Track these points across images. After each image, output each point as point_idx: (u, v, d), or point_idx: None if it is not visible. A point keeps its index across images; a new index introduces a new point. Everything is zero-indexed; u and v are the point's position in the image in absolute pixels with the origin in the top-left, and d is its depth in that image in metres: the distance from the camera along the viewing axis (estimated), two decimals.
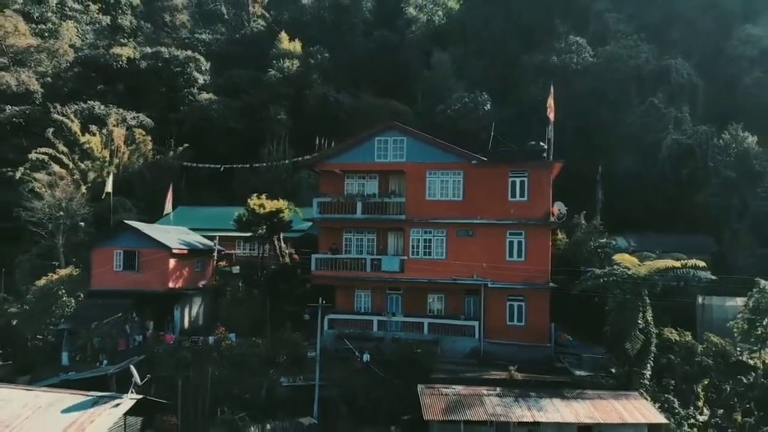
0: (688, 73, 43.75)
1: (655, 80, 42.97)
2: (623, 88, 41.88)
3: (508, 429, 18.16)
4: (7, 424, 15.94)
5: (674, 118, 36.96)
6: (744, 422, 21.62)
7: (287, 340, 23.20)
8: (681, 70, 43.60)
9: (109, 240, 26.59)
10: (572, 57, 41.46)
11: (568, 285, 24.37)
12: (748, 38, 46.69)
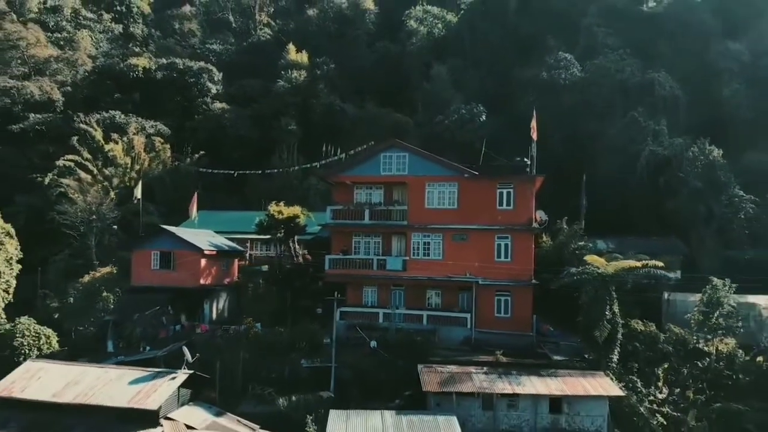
0: (670, 86, 47.72)
1: (640, 93, 46.89)
2: (609, 101, 45.89)
3: (492, 400, 22.34)
4: (86, 392, 20.15)
5: (653, 131, 41.01)
6: (696, 399, 25.80)
7: (305, 329, 27.36)
8: (664, 83, 47.61)
9: (148, 242, 30.77)
10: (561, 73, 45.43)
11: (550, 282, 28.58)
12: (728, 53, 50.87)
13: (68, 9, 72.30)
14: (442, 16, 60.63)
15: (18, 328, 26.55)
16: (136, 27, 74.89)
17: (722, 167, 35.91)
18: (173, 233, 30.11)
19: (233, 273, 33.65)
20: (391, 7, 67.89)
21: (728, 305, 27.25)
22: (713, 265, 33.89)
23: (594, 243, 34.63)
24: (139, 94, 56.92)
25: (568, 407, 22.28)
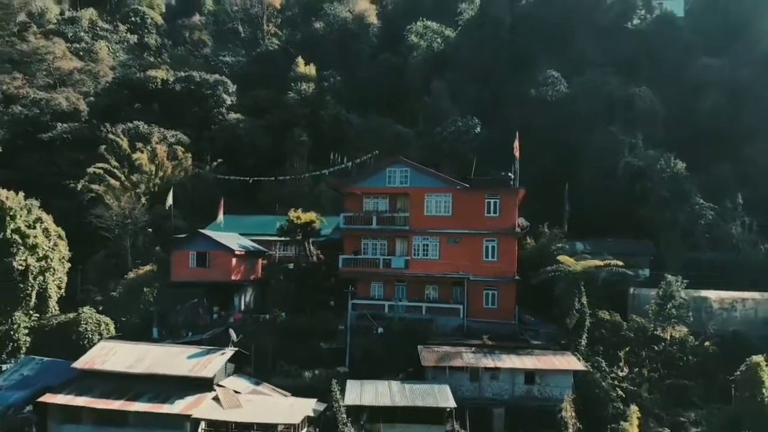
0: (650, 100, 53.48)
1: (622, 107, 52.57)
2: (593, 115, 51.41)
3: (478, 373, 28.14)
4: (154, 364, 25.97)
5: (629, 144, 46.80)
6: (650, 376, 31.64)
7: (323, 317, 33.19)
8: (645, 98, 53.37)
9: (185, 244, 36.54)
10: (548, 90, 51.19)
11: (531, 279, 34.38)
12: (706, 68, 56.63)
13: (86, 20, 77.93)
14: (441, 31, 66.27)
15: (82, 317, 32.32)
16: (150, 37, 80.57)
17: (685, 179, 41.77)
18: (209, 236, 35.94)
19: (258, 270, 39.46)
20: (394, 21, 73.70)
21: (680, 298, 33.06)
22: (678, 265, 39.58)
23: (573, 245, 40.41)
24: (159, 104, 62.65)
25: (539, 379, 28.08)
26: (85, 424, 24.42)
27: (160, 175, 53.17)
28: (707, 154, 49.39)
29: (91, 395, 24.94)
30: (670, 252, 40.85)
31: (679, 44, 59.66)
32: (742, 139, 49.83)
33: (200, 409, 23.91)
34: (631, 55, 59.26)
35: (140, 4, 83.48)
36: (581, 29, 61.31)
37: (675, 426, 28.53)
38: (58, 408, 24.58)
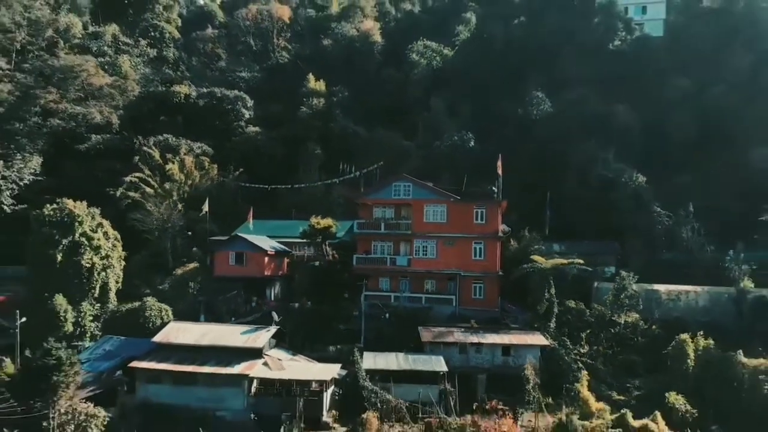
0: (626, 117, 62.60)
1: (601, 122, 61.50)
2: (573, 131, 60.41)
3: (466, 347, 37.18)
4: (216, 338, 35.06)
5: (602, 158, 55.85)
6: (605, 353, 40.65)
7: (340, 306, 42.27)
8: (621, 114, 62.49)
9: (226, 246, 45.61)
10: (533, 109, 60.24)
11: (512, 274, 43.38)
12: (677, 87, 65.69)
13: (109, 35, 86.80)
14: (439, 50, 75.32)
15: (147, 305, 41.36)
16: (169, 51, 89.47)
17: (645, 190, 50.84)
18: (246, 239, 45.01)
19: (284, 267, 48.49)
20: (396, 37, 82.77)
21: (631, 290, 42.13)
22: (639, 263, 48.59)
23: (551, 246, 49.50)
24: (182, 117, 71.54)
25: (514, 352, 37.13)
26: (165, 384, 33.37)
27: (189, 183, 61.99)
28: (674, 166, 58.49)
29: (168, 362, 33.91)
30: (634, 252, 49.87)
31: (655, 64, 68.94)
32: (704, 154, 58.84)
33: (254, 370, 32.93)
34: (611, 73, 68.37)
35: (158, 19, 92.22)
36: (567, 50, 70.52)
37: (621, 390, 37.57)
38: (143, 372, 33.56)
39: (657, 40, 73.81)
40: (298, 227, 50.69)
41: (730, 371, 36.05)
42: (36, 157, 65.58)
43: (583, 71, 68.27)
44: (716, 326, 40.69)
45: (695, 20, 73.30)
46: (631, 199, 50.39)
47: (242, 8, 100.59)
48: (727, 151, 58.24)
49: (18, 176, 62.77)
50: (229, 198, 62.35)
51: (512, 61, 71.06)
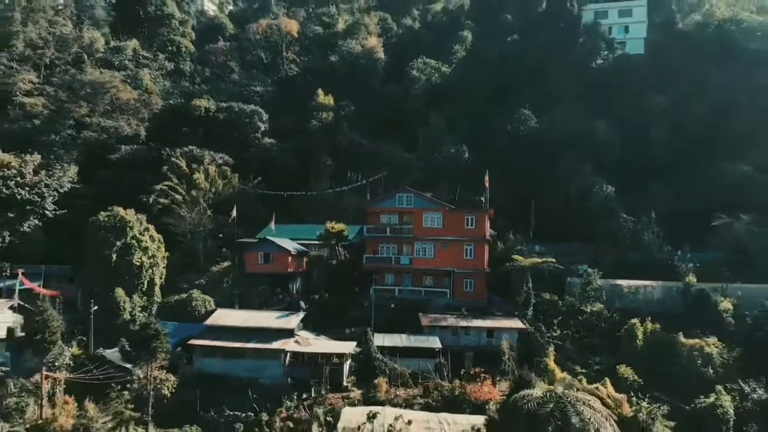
0: (607, 131, 72.97)
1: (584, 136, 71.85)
2: (557, 144, 70.72)
3: (457, 330, 47.77)
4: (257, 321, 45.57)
5: (580, 170, 66.38)
6: (573, 336, 51.20)
7: (352, 298, 52.80)
8: (602, 129, 72.88)
9: (255, 247, 56.14)
10: (520, 126, 70.76)
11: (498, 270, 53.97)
12: (655, 103, 76.12)
13: (129, 50, 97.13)
14: (438, 67, 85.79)
15: (193, 296, 51.84)
16: (185, 64, 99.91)
17: (613, 199, 61.36)
18: (273, 241, 55.51)
19: (303, 265, 58.97)
20: (398, 54, 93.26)
21: (596, 284, 52.67)
22: (609, 263, 59.08)
23: (533, 247, 60.08)
24: (203, 129, 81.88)
25: (496, 334, 47.65)
26: (217, 358, 43.80)
27: (213, 191, 72.43)
28: (648, 176, 68.87)
29: (219, 340, 44.37)
30: (604, 253, 60.42)
31: (634, 82, 79.34)
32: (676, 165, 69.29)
33: (288, 346, 43.40)
34: (594, 90, 78.94)
35: (174, 33, 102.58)
36: (554, 68, 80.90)
37: (584, 365, 48.02)
38: (200, 347, 44.02)
39: (637, 58, 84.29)
40: (315, 231, 61.25)
41: (672, 349, 46.63)
42: (73, 167, 75.92)
43: (568, 88, 78.69)
44: (667, 314, 51.32)
45: (672, 41, 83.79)
46: (602, 207, 60.83)
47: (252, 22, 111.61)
48: (696, 163, 68.72)
49: (58, 184, 73.02)
50: (249, 204, 72.63)
51: (504, 79, 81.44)
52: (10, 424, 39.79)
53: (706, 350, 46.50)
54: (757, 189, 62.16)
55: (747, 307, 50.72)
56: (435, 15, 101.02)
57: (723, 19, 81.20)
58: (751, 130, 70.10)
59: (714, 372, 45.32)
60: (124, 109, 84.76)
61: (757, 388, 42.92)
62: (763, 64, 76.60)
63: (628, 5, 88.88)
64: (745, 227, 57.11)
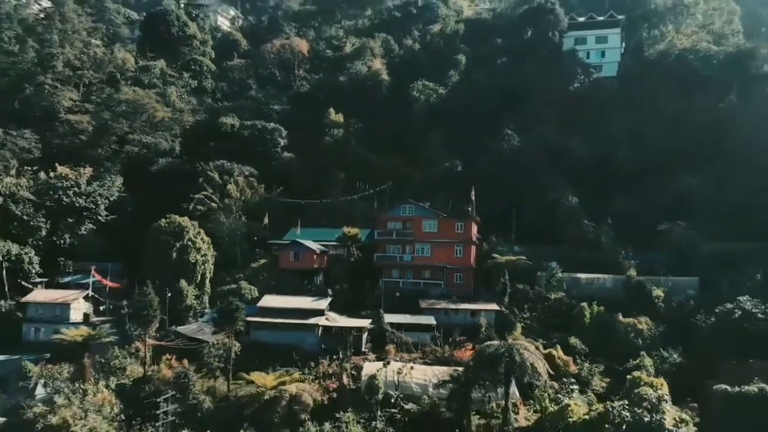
0: (580, 149, 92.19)
1: (559, 154, 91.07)
2: (536, 161, 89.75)
3: (448, 311, 67.15)
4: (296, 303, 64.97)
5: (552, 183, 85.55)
6: (540, 317, 70.48)
7: (365, 288, 72.05)
8: (575, 147, 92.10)
9: (287, 248, 75.38)
10: (504, 144, 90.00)
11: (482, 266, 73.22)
12: (623, 124, 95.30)
13: (157, 69, 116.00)
14: (435, 89, 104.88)
15: (241, 285, 70.94)
16: (207, 82, 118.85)
17: (578, 209, 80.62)
18: (301, 243, 74.63)
19: (325, 262, 78.07)
20: (400, 73, 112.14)
21: (558, 276, 71.94)
22: (573, 261, 78.25)
23: (512, 248, 79.33)
24: (230, 144, 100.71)
25: (477, 315, 66.90)
26: (267, 330, 62.81)
27: (243, 199, 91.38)
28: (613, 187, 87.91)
29: (268, 317, 63.40)
30: (570, 253, 79.58)
31: (605, 103, 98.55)
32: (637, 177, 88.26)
33: (321, 321, 62.51)
34: (570, 111, 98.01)
35: (195, 53, 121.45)
36: (537, 91, 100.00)
37: (546, 338, 67.01)
38: (255, 323, 63.06)
39: (609, 81, 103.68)
40: (332, 234, 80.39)
41: (612, 325, 65.80)
42: (118, 177, 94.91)
43: (548, 110, 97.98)
44: (614, 299, 70.42)
45: (640, 66, 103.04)
46: (568, 215, 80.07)
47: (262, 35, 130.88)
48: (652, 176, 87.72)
49: (108, 193, 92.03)
50: (273, 210, 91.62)
51: (493, 101, 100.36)
52: (117, 378, 58.78)
53: (638, 326, 65.68)
54: (698, 199, 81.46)
55: (674, 295, 70.24)
56: (433, 37, 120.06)
57: (683, 49, 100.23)
58: (701, 147, 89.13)
59: (643, 342, 64.40)
60: (159, 127, 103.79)
61: (673, 354, 62.03)
62: (715, 89, 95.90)
63: (604, 33, 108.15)
64: (681, 232, 76.22)
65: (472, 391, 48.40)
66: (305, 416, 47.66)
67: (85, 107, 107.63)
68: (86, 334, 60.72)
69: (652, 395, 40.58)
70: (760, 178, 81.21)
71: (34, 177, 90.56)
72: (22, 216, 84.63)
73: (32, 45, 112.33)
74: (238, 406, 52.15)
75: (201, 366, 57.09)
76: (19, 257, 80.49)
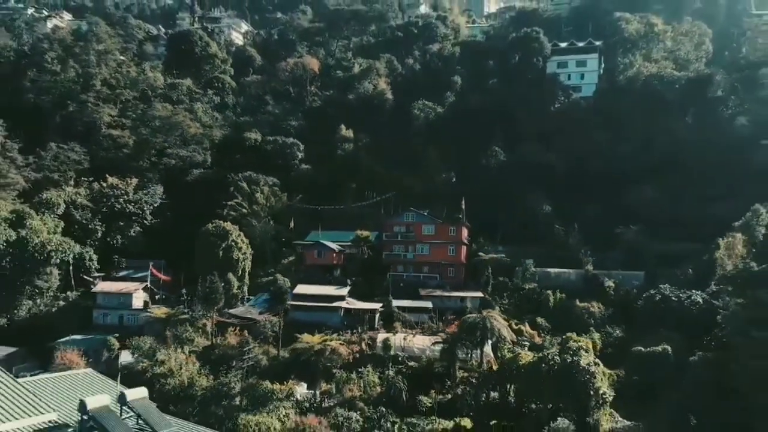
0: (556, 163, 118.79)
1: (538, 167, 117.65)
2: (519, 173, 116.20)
3: (442, 297, 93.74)
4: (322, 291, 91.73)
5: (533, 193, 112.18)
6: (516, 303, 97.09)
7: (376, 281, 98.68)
8: (553, 161, 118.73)
9: (312, 248, 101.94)
10: (492, 159, 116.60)
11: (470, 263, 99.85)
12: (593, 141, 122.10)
13: (184, 86, 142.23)
14: (434, 108, 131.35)
15: (277, 277, 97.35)
16: (228, 98, 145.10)
17: (551, 216, 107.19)
18: (323, 243, 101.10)
19: (342, 259, 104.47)
20: (402, 91, 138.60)
21: (530, 270, 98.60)
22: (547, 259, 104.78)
23: (497, 248, 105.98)
24: (254, 156, 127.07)
25: (465, 300, 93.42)
26: (302, 311, 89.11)
27: (268, 206, 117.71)
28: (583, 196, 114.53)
29: (301, 302, 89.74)
30: (544, 252, 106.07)
31: (581, 122, 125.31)
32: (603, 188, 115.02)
33: (342, 305, 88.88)
34: (551, 129, 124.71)
35: (217, 71, 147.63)
36: (522, 111, 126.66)
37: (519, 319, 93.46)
38: (292, 305, 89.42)
39: (587, 101, 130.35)
40: (347, 235, 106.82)
41: (571, 309, 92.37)
42: (159, 186, 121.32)
43: (532, 128, 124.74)
44: (575, 289, 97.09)
45: (613, 89, 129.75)
46: (543, 220, 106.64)
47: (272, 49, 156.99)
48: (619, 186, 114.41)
49: (152, 200, 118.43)
50: (294, 215, 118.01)
51: (484, 119, 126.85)
52: (189, 347, 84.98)
53: (591, 309, 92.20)
54: (653, 207, 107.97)
55: (623, 285, 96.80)
56: (432, 56, 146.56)
57: (650, 75, 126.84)
58: (660, 163, 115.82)
59: (594, 321, 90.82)
60: (190, 140, 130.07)
61: (617, 330, 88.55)
62: (676, 111, 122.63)
63: (583, 57, 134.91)
64: (633, 234, 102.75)
65: (457, 351, 74.64)
66: (339, 366, 73.83)
67: (123, 122, 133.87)
68: (168, 313, 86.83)
69: (575, 346, 66.44)
70: (706, 191, 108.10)
71: (89, 187, 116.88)
72: (82, 220, 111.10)
73: (73, 65, 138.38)
74: (286, 364, 78.28)
75: (255, 336, 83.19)
76: (81, 255, 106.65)
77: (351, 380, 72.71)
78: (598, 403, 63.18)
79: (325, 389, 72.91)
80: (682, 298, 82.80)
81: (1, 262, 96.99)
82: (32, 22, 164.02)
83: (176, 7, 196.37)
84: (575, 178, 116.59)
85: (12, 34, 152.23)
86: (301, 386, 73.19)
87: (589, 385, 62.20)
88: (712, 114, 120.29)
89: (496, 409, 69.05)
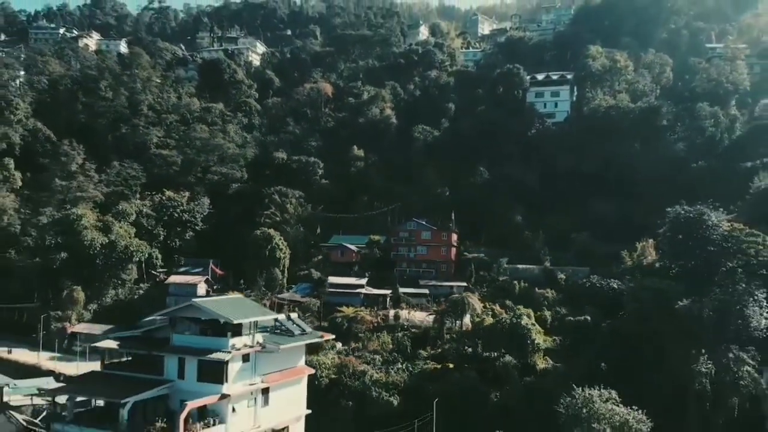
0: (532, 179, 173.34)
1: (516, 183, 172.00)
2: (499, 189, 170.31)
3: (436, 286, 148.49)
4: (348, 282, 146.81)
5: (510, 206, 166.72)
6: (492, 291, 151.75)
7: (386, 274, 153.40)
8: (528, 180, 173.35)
9: (335, 248, 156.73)
10: (477, 178, 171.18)
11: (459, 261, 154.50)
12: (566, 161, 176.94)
13: (217, 110, 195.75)
14: (431, 131, 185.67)
15: (311, 271, 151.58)
16: (255, 119, 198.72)
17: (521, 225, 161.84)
18: (345, 245, 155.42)
19: (359, 257, 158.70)
20: (404, 114, 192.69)
21: (504, 266, 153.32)
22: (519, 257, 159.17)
23: (479, 250, 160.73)
24: (281, 172, 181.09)
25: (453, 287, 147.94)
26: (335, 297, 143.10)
27: (296, 215, 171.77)
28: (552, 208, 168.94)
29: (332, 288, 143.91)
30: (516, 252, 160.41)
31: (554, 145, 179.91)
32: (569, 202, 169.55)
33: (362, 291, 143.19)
34: (528, 151, 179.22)
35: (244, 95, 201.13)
36: (504, 135, 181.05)
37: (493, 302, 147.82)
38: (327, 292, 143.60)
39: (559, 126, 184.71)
40: (363, 239, 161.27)
41: (532, 295, 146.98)
42: (206, 198, 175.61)
43: (512, 150, 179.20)
44: (536, 280, 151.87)
45: (580, 117, 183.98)
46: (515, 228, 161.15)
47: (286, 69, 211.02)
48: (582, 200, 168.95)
49: (202, 210, 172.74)
50: (317, 222, 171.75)
51: (473, 142, 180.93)
52: None
53: (546, 295, 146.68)
54: (607, 217, 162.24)
55: (573, 277, 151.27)
56: (430, 82, 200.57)
57: (609, 106, 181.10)
58: (617, 180, 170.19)
59: (547, 303, 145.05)
60: (227, 159, 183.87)
61: (563, 309, 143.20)
62: (629, 137, 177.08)
63: (557, 89, 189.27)
64: (584, 238, 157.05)
65: (445, 320, 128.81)
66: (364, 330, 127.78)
67: (167, 142, 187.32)
68: (238, 295, 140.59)
69: (518, 312, 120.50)
70: (652, 204, 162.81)
71: (151, 198, 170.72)
72: (148, 226, 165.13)
73: (123, 93, 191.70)
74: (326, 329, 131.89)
75: (303, 312, 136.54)
76: (150, 255, 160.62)
77: (372, 340, 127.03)
78: (533, 350, 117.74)
79: (354, 346, 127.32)
80: (603, 285, 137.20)
81: (96, 260, 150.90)
82: (65, 42, 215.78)
83: (193, 24, 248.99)
84: (545, 192, 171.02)
85: (61, 61, 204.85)
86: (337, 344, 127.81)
87: (527, 337, 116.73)
88: (659, 139, 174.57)
89: (470, 357, 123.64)
